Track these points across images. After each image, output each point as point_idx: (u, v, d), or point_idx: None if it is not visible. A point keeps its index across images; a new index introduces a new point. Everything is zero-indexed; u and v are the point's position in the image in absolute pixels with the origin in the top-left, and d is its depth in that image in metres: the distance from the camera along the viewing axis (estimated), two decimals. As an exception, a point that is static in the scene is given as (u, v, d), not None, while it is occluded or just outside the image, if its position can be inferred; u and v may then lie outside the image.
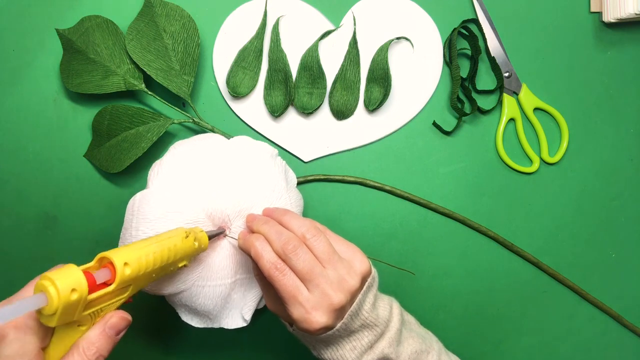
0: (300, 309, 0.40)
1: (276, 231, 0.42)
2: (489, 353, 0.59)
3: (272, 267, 0.40)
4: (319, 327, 0.40)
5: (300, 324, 0.40)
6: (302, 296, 0.40)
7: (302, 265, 0.40)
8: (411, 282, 0.58)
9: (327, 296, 0.40)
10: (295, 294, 0.40)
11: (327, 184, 0.58)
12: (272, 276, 0.40)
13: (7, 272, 0.57)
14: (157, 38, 0.53)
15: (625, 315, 0.59)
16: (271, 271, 0.40)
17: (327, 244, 0.42)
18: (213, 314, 0.48)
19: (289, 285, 0.40)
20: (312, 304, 0.40)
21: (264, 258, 0.41)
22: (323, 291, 0.40)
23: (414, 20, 0.57)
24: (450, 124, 0.58)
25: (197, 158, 0.48)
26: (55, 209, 0.57)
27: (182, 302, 0.47)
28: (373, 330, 0.42)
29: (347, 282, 0.41)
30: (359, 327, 0.42)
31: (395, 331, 0.43)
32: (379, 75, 0.56)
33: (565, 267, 0.59)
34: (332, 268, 0.41)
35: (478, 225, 0.58)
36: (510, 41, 0.58)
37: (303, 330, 0.40)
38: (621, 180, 0.59)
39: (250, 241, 0.42)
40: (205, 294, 0.47)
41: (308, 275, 0.40)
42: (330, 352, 0.42)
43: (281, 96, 0.56)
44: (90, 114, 0.56)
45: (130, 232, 0.46)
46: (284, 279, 0.40)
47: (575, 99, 0.59)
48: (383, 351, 0.42)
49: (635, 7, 0.55)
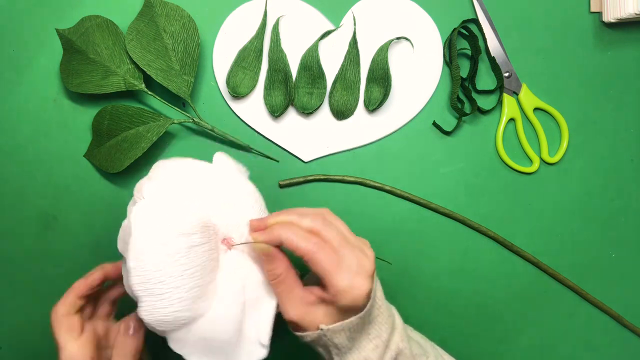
0: (346, 277, 0.39)
1: (297, 214, 0.42)
2: (489, 353, 0.59)
3: (310, 242, 0.40)
4: (367, 291, 0.40)
5: (349, 293, 0.39)
6: (344, 264, 0.40)
7: (334, 233, 0.41)
8: (411, 282, 0.58)
9: (362, 261, 0.40)
10: (337, 263, 0.40)
11: (327, 184, 0.58)
12: (313, 252, 0.39)
13: (7, 272, 0.57)
14: (157, 38, 0.53)
15: (625, 315, 0.59)
16: (311, 246, 0.40)
17: (338, 222, 0.43)
18: (231, 347, 0.42)
19: (330, 256, 0.40)
20: (354, 270, 0.40)
21: (300, 236, 0.40)
22: (357, 257, 0.40)
23: (414, 20, 0.57)
24: (450, 124, 0.58)
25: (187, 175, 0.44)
26: (55, 209, 0.57)
27: (197, 335, 0.41)
28: (387, 322, 0.43)
29: (366, 251, 0.42)
30: (376, 316, 0.42)
31: (402, 327, 0.44)
32: (379, 75, 0.56)
33: (565, 267, 0.59)
34: (352, 237, 0.42)
35: (478, 225, 0.58)
36: (510, 41, 0.58)
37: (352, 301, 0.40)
38: (621, 180, 0.59)
39: (275, 229, 0.41)
40: (223, 318, 0.41)
41: (341, 243, 0.41)
42: (355, 356, 0.42)
43: (281, 96, 0.56)
44: (90, 114, 0.56)
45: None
46: (323, 252, 0.40)
47: (575, 99, 0.59)
48: (398, 346, 0.42)
49: (635, 7, 0.55)
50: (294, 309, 0.41)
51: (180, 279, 0.39)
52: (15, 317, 0.57)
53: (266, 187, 0.57)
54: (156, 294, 0.38)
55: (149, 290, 0.38)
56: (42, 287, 0.57)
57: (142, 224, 0.39)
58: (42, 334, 0.58)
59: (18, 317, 0.57)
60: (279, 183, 0.57)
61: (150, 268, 0.38)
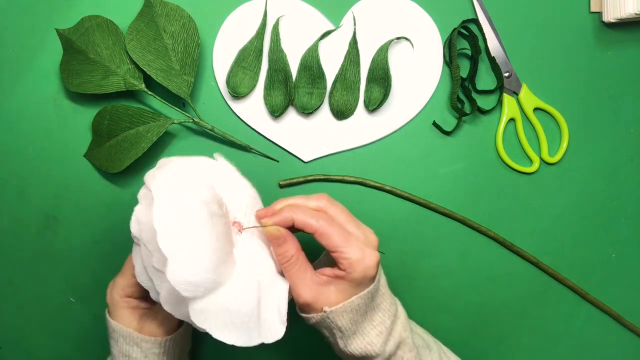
0: (356, 248, 0.41)
1: (303, 198, 0.44)
2: (489, 353, 0.59)
3: (320, 219, 0.42)
4: (376, 261, 0.42)
5: (361, 263, 0.41)
6: (354, 236, 0.42)
7: (340, 211, 0.44)
8: (411, 282, 0.58)
9: (367, 234, 0.43)
10: (346, 236, 0.42)
11: (327, 184, 0.58)
12: (324, 227, 0.41)
13: (7, 272, 0.57)
14: (157, 38, 0.53)
15: (625, 315, 0.59)
16: (322, 222, 0.42)
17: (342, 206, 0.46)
18: (252, 322, 0.41)
19: (340, 231, 0.42)
20: (363, 242, 0.42)
21: (309, 214, 0.42)
22: (363, 231, 0.43)
23: (414, 20, 0.57)
24: (450, 124, 0.58)
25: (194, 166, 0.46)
26: (55, 209, 0.57)
27: (219, 305, 0.40)
28: (390, 309, 0.44)
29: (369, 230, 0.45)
30: (379, 303, 0.44)
31: (404, 317, 0.45)
32: (379, 75, 0.56)
33: (565, 267, 0.59)
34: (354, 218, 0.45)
35: (478, 225, 0.58)
36: (510, 41, 0.58)
37: (364, 271, 0.41)
38: (621, 180, 0.59)
39: (285, 211, 0.43)
40: (243, 288, 0.42)
41: (348, 219, 0.43)
42: (358, 341, 0.43)
43: (281, 96, 0.56)
44: (90, 114, 0.56)
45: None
46: (333, 227, 0.42)
47: (575, 99, 0.59)
48: (401, 334, 0.44)
49: (635, 7, 0.55)
50: (307, 290, 0.42)
51: (205, 241, 0.40)
52: (15, 317, 0.57)
53: (266, 187, 0.57)
54: (183, 251, 0.39)
55: (177, 248, 0.38)
56: (42, 287, 0.57)
57: (165, 190, 0.40)
58: (42, 334, 0.58)
59: (18, 317, 0.57)
60: (279, 183, 0.57)
61: (176, 228, 0.39)
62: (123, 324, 0.46)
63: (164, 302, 0.41)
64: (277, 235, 0.43)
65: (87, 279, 0.57)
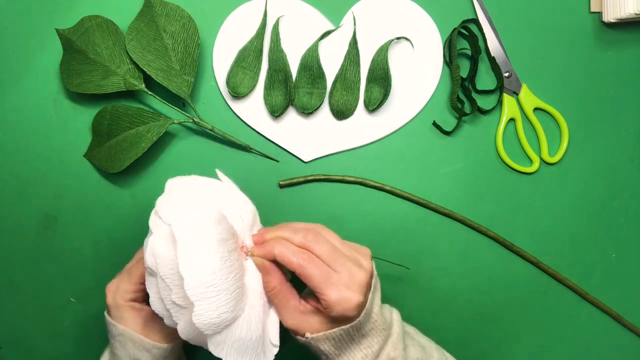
0: (336, 290, 0.41)
1: (291, 229, 0.44)
2: (489, 353, 0.59)
3: (299, 258, 0.42)
4: (356, 303, 0.41)
5: (339, 305, 0.41)
6: (334, 277, 0.41)
7: (325, 248, 0.42)
8: (411, 282, 0.58)
9: (353, 274, 0.42)
10: (327, 276, 0.41)
11: (327, 184, 0.58)
12: (302, 266, 0.41)
13: (7, 272, 0.57)
14: (157, 38, 0.53)
15: (625, 315, 0.59)
16: (300, 262, 0.41)
17: (332, 236, 0.45)
18: (260, 346, 0.44)
19: (320, 270, 0.41)
20: (344, 283, 0.41)
21: (290, 251, 0.42)
22: (349, 270, 0.42)
23: (414, 20, 0.57)
24: (450, 124, 0.58)
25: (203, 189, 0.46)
26: (55, 209, 0.57)
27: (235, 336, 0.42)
28: (380, 335, 0.44)
29: (362, 263, 0.44)
30: (369, 330, 0.43)
31: (397, 335, 0.45)
32: (379, 75, 0.56)
33: (565, 267, 0.59)
34: (347, 250, 0.44)
35: (478, 225, 0.58)
36: (510, 41, 0.58)
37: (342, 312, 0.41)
38: (621, 180, 0.59)
39: (270, 245, 0.43)
40: (254, 317, 0.44)
41: (332, 257, 0.42)
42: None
43: (281, 96, 0.56)
44: (90, 114, 0.56)
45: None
46: (313, 265, 0.41)
47: (575, 99, 0.59)
48: (389, 355, 0.44)
49: (635, 7, 0.55)
50: (290, 318, 0.44)
51: (227, 285, 0.40)
52: (15, 317, 0.57)
53: (266, 187, 0.57)
54: (208, 297, 0.39)
55: (202, 294, 0.39)
56: (42, 287, 0.57)
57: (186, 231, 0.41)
58: (42, 334, 0.58)
59: (18, 317, 0.57)
60: (279, 183, 0.57)
61: (201, 275, 0.39)
62: (129, 327, 0.46)
63: (181, 332, 0.42)
64: (262, 266, 0.44)
65: (87, 279, 0.57)
